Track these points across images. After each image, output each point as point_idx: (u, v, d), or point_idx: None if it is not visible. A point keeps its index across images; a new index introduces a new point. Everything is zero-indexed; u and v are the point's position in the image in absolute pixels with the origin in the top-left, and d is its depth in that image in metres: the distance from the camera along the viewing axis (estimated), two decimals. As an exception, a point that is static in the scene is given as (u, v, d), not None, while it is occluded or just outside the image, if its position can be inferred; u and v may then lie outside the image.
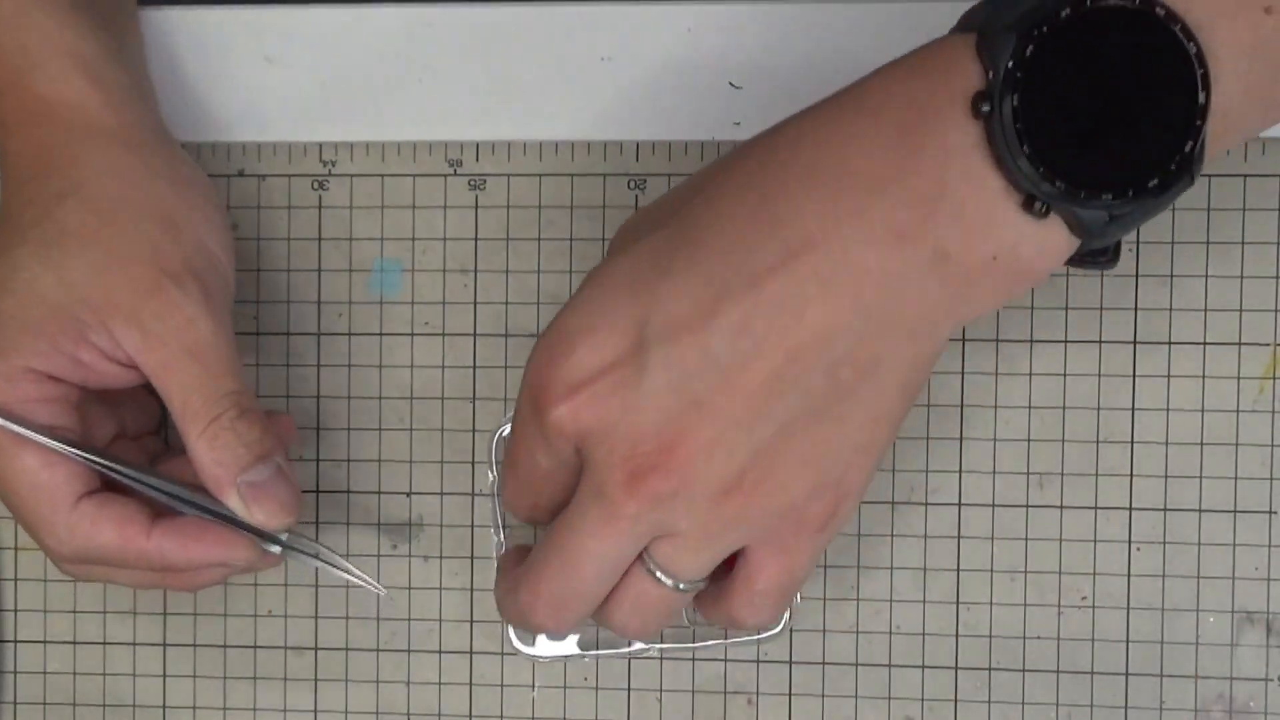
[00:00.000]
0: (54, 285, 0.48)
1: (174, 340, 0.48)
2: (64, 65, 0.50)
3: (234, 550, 0.49)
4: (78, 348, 0.48)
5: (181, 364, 0.48)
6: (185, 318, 0.48)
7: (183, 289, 0.49)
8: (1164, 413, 0.54)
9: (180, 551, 0.49)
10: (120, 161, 0.50)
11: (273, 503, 0.49)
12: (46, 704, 0.57)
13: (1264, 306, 0.53)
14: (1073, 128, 0.40)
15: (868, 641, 0.55)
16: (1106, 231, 0.41)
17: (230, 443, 0.48)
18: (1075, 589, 0.54)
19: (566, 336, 0.43)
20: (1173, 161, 0.40)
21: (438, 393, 0.56)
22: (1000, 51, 0.40)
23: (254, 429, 0.49)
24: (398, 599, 0.56)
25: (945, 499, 0.54)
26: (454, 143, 0.56)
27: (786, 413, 0.42)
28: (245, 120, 0.57)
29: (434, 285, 0.56)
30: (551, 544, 0.45)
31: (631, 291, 0.42)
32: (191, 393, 0.48)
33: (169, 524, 0.49)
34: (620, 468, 0.42)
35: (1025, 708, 0.54)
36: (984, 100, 0.40)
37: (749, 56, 0.55)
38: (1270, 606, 0.54)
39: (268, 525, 0.49)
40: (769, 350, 0.41)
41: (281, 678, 0.57)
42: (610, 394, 0.42)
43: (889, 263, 0.40)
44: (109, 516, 0.49)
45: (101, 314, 0.48)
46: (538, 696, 0.56)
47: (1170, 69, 0.40)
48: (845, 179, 0.41)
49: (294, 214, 0.56)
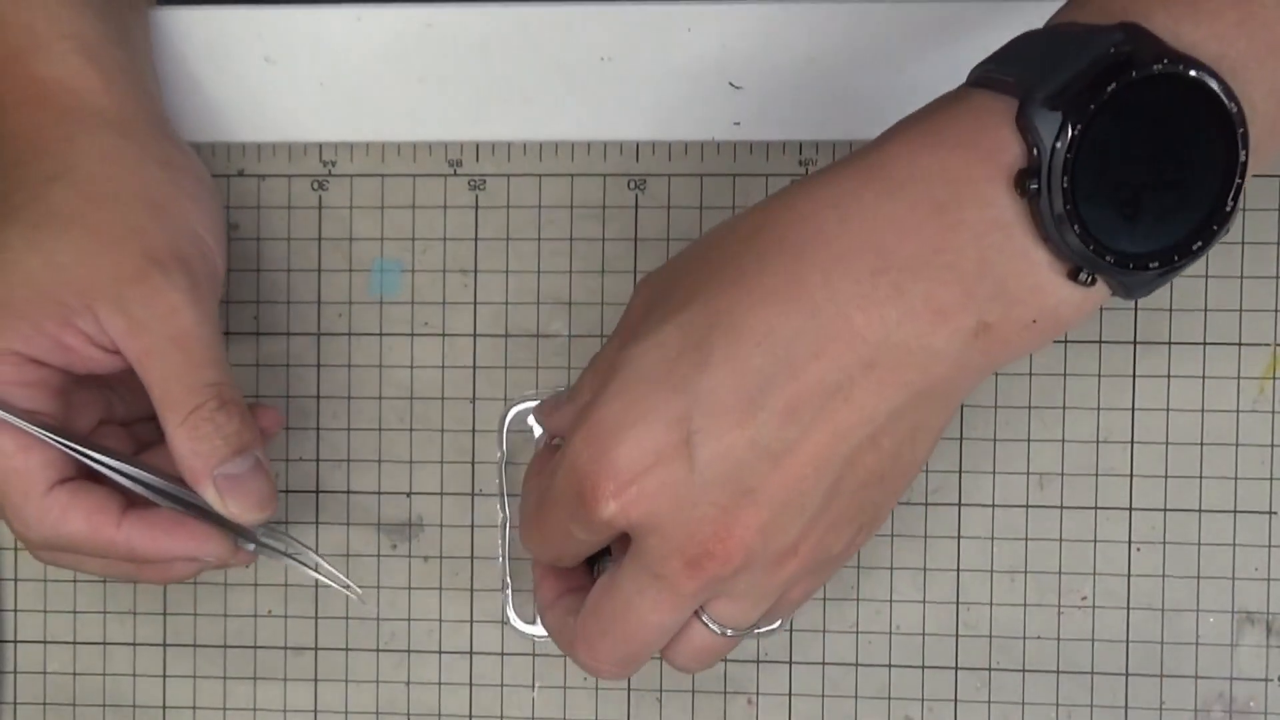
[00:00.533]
0: (39, 267, 0.48)
1: (157, 327, 0.48)
2: (66, 47, 0.50)
3: (204, 544, 0.49)
4: (62, 331, 0.48)
5: (164, 352, 0.48)
6: (169, 305, 0.48)
7: (168, 276, 0.48)
8: (1164, 413, 0.54)
9: (149, 544, 0.49)
10: (113, 146, 0.50)
11: (248, 497, 0.49)
12: (46, 704, 0.57)
13: (1264, 306, 0.53)
14: (1119, 201, 0.39)
15: (868, 641, 0.55)
16: (1149, 288, 0.41)
17: (208, 434, 0.48)
18: (1075, 589, 0.54)
19: (609, 431, 0.42)
20: (1215, 221, 0.40)
21: (438, 393, 0.56)
22: (1045, 128, 0.39)
23: (233, 421, 0.49)
24: (398, 599, 0.56)
25: (945, 499, 0.54)
26: (454, 143, 0.56)
27: (833, 483, 0.42)
28: (245, 120, 0.57)
29: (434, 285, 0.56)
30: (607, 614, 0.45)
31: (670, 384, 0.41)
32: (172, 381, 0.48)
33: (139, 515, 0.49)
34: (677, 557, 0.42)
35: (1025, 708, 0.54)
36: (1031, 178, 0.39)
37: (749, 56, 0.55)
38: (1270, 606, 0.54)
39: (242, 519, 0.49)
40: (816, 433, 0.41)
41: (281, 678, 0.57)
42: (660, 490, 0.42)
43: (931, 340, 0.40)
44: (79, 505, 0.48)
45: (86, 298, 0.48)
46: (538, 696, 0.56)
47: (1211, 130, 0.39)
48: (879, 260, 0.40)
49: (294, 214, 0.56)
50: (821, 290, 0.40)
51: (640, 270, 0.55)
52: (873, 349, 0.40)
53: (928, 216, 0.40)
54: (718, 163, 0.55)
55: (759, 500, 0.41)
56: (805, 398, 0.40)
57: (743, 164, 0.55)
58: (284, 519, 0.56)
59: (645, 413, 0.41)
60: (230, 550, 0.50)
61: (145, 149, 0.51)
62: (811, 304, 0.40)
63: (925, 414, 0.42)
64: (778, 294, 0.41)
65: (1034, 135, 0.39)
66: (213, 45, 0.57)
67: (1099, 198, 0.39)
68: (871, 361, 0.40)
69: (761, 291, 0.41)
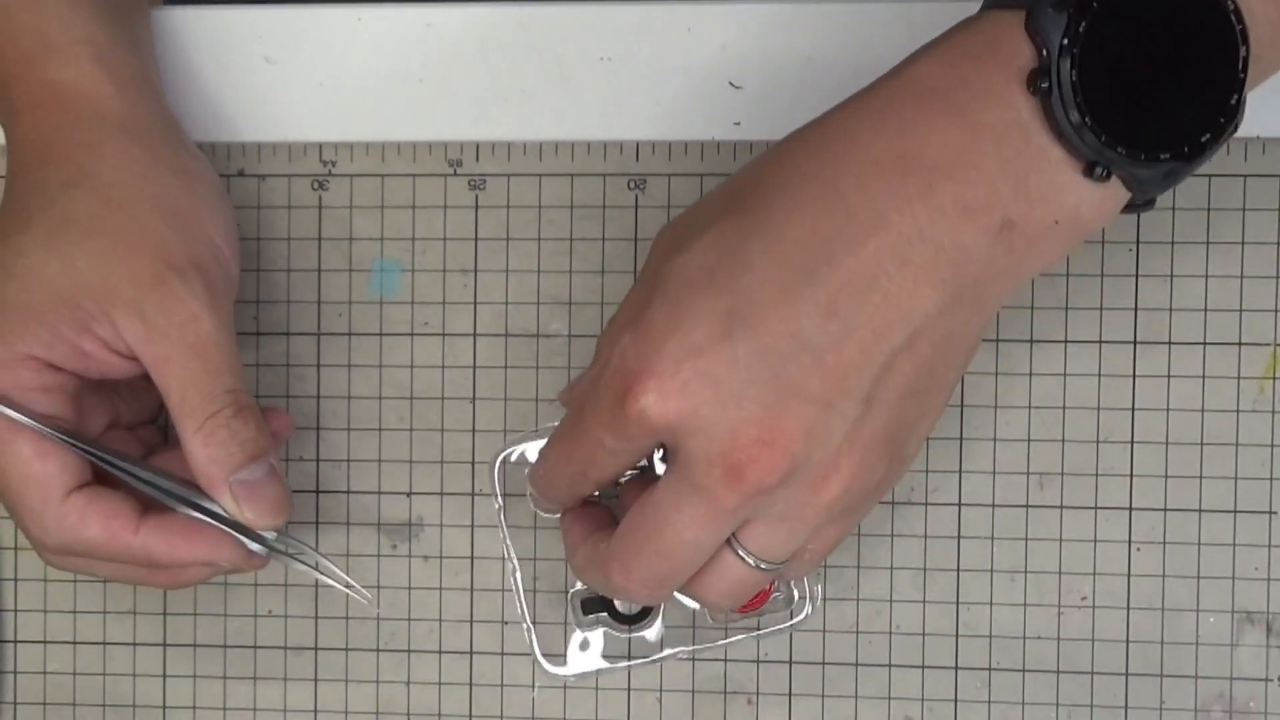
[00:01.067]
0: (58, 273, 0.48)
1: (175, 334, 0.48)
2: (79, 53, 0.51)
3: (220, 550, 0.50)
4: (80, 336, 0.48)
5: (182, 358, 0.48)
6: (188, 312, 0.48)
7: (186, 283, 0.49)
8: (1164, 413, 0.54)
9: (166, 549, 0.49)
10: (128, 152, 0.50)
11: (263, 502, 0.49)
12: (46, 704, 0.57)
13: (1264, 306, 0.53)
14: (1128, 95, 0.41)
15: (868, 641, 0.55)
16: (1162, 185, 0.43)
17: (225, 440, 0.48)
18: (1075, 589, 0.54)
19: (654, 328, 0.43)
20: (1222, 115, 0.42)
21: (438, 393, 0.56)
22: (1052, 29, 0.41)
23: (249, 427, 0.49)
24: (398, 599, 0.56)
25: (945, 499, 0.54)
26: (454, 143, 0.56)
27: (871, 392, 0.43)
28: (245, 120, 0.57)
29: (434, 285, 0.56)
30: (644, 529, 0.45)
31: (712, 282, 0.42)
32: (190, 388, 0.48)
33: (156, 521, 0.49)
34: (719, 462, 0.43)
35: (1025, 708, 0.54)
36: (1042, 77, 0.41)
37: (749, 56, 0.55)
38: (1270, 606, 0.54)
39: (257, 525, 0.49)
40: (857, 329, 0.42)
41: (281, 678, 0.57)
42: (703, 385, 0.42)
43: (961, 237, 0.42)
44: (97, 511, 0.49)
45: (104, 303, 0.48)
46: (538, 696, 0.56)
47: (1212, 27, 0.41)
48: (910, 162, 0.42)
49: (294, 214, 0.56)
50: (856, 194, 0.42)
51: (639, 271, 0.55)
52: (907, 245, 0.42)
53: (952, 122, 0.42)
54: (718, 163, 0.55)
55: (801, 399, 0.42)
56: (845, 292, 0.42)
57: (743, 164, 0.55)
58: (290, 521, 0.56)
59: (689, 310, 0.42)
60: (244, 555, 0.50)
61: (160, 155, 0.51)
62: (847, 207, 0.42)
63: (959, 319, 0.43)
64: (815, 200, 0.42)
65: (1043, 37, 0.41)
66: (213, 45, 0.57)
67: (1107, 92, 0.41)
68: (906, 258, 0.42)
69: (800, 198, 0.43)
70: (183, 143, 0.53)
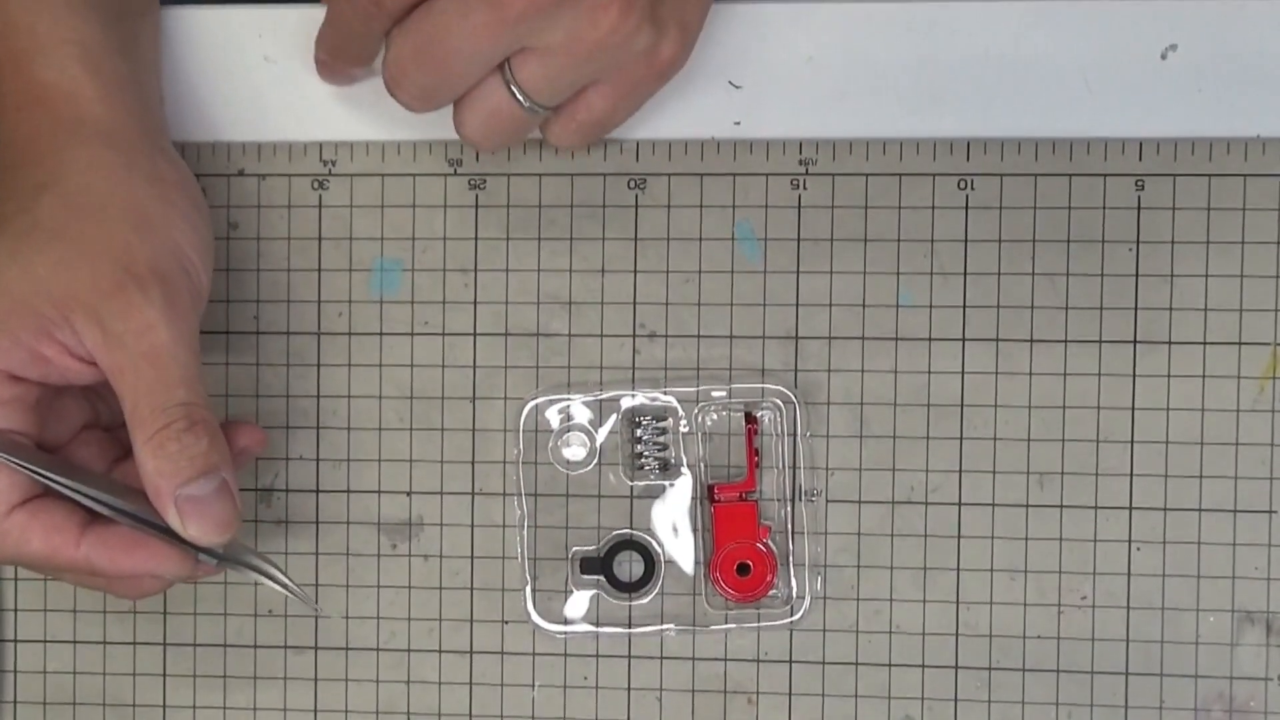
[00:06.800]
0: (18, 278, 0.48)
1: (131, 343, 0.48)
2: (67, 52, 0.50)
3: (164, 563, 0.49)
4: (40, 342, 0.48)
5: (136, 368, 0.48)
6: (144, 321, 0.48)
7: (145, 292, 0.48)
8: (1164, 413, 0.54)
9: (108, 562, 0.49)
10: (101, 157, 0.50)
11: (208, 520, 0.48)
12: (46, 704, 0.57)
13: (1264, 306, 0.53)
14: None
15: (868, 641, 0.55)
16: None
17: (174, 453, 0.48)
18: (1075, 589, 0.54)
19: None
20: None
21: (438, 392, 0.56)
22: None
23: (201, 442, 0.48)
24: (398, 599, 0.56)
25: (945, 499, 0.54)
26: (454, 142, 0.56)
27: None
28: (245, 120, 0.57)
29: (434, 285, 0.56)
30: (425, 32, 0.47)
31: None
32: (142, 398, 0.48)
33: (98, 534, 0.49)
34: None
35: (1025, 707, 0.54)
36: None
37: (749, 56, 0.55)
38: (1270, 606, 0.54)
39: (200, 541, 0.49)
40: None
41: (281, 677, 0.57)
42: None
43: None
44: (38, 526, 0.48)
45: (64, 309, 0.48)
46: (538, 696, 0.56)
47: None
48: None
49: (294, 214, 0.56)
50: None
51: (640, 270, 0.55)
52: None
53: None
54: (718, 162, 0.55)
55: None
56: None
57: (743, 163, 0.55)
58: (284, 518, 0.56)
59: None
60: (191, 567, 0.50)
61: (134, 162, 0.50)
62: None
63: None
64: None
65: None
66: (213, 45, 0.57)
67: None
68: None
69: None
70: (162, 150, 0.52)
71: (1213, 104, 0.53)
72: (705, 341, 0.55)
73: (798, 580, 0.55)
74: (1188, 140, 0.53)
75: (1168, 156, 0.53)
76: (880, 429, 0.54)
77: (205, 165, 0.56)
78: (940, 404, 0.54)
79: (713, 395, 0.55)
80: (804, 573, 0.55)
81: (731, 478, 0.55)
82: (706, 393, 0.55)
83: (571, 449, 0.55)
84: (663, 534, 0.55)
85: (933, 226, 0.54)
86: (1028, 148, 0.54)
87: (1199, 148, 0.53)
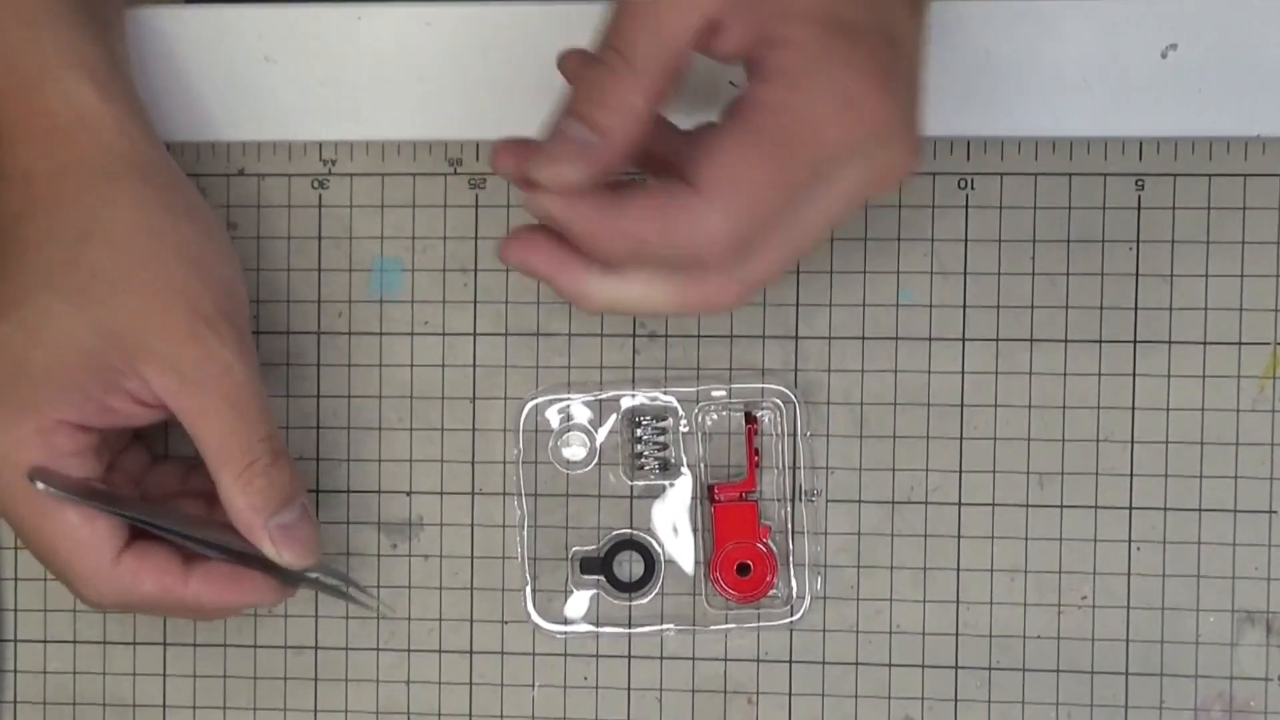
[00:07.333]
0: (88, 333, 0.48)
1: (211, 387, 0.48)
2: (77, 77, 0.50)
3: (265, 592, 0.51)
4: (108, 394, 0.48)
5: (219, 410, 0.49)
6: (223, 364, 0.49)
7: (218, 334, 0.49)
8: (1164, 413, 0.54)
9: (215, 597, 0.50)
10: (139, 195, 0.50)
11: (299, 544, 0.50)
12: (46, 704, 0.57)
13: (1264, 306, 0.53)
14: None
15: (868, 641, 0.55)
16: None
17: (263, 488, 0.49)
18: (1075, 589, 0.54)
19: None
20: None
21: (438, 392, 0.56)
22: None
23: (284, 473, 0.50)
24: (398, 599, 0.56)
25: (945, 499, 0.54)
26: (454, 142, 0.56)
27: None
28: (245, 120, 0.57)
29: (434, 285, 0.56)
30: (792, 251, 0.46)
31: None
32: (228, 438, 0.49)
33: (203, 571, 0.50)
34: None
35: (1025, 707, 0.54)
36: None
37: (749, 56, 0.55)
38: (1270, 606, 0.54)
39: (294, 565, 0.50)
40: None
41: (281, 677, 0.57)
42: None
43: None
44: (150, 569, 0.50)
45: (134, 359, 0.48)
46: (538, 696, 0.56)
47: None
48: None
49: (294, 213, 0.56)
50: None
51: (640, 270, 0.55)
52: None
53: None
54: (718, 162, 0.55)
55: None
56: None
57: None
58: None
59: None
60: (282, 592, 0.52)
61: (172, 201, 0.50)
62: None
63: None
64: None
65: None
66: (213, 45, 0.57)
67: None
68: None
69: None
70: (183, 177, 0.52)
71: (1213, 104, 0.54)
72: (705, 341, 0.55)
73: (798, 580, 0.55)
74: (1188, 140, 0.53)
75: (1168, 156, 0.53)
76: (880, 429, 0.54)
77: (205, 165, 0.56)
78: (940, 404, 0.54)
79: (713, 395, 0.55)
80: (804, 573, 0.55)
81: (731, 478, 0.55)
82: (706, 393, 0.55)
83: (571, 449, 0.55)
84: (663, 534, 0.55)
85: (933, 226, 0.54)
86: (1028, 147, 0.54)
87: (1199, 148, 0.53)
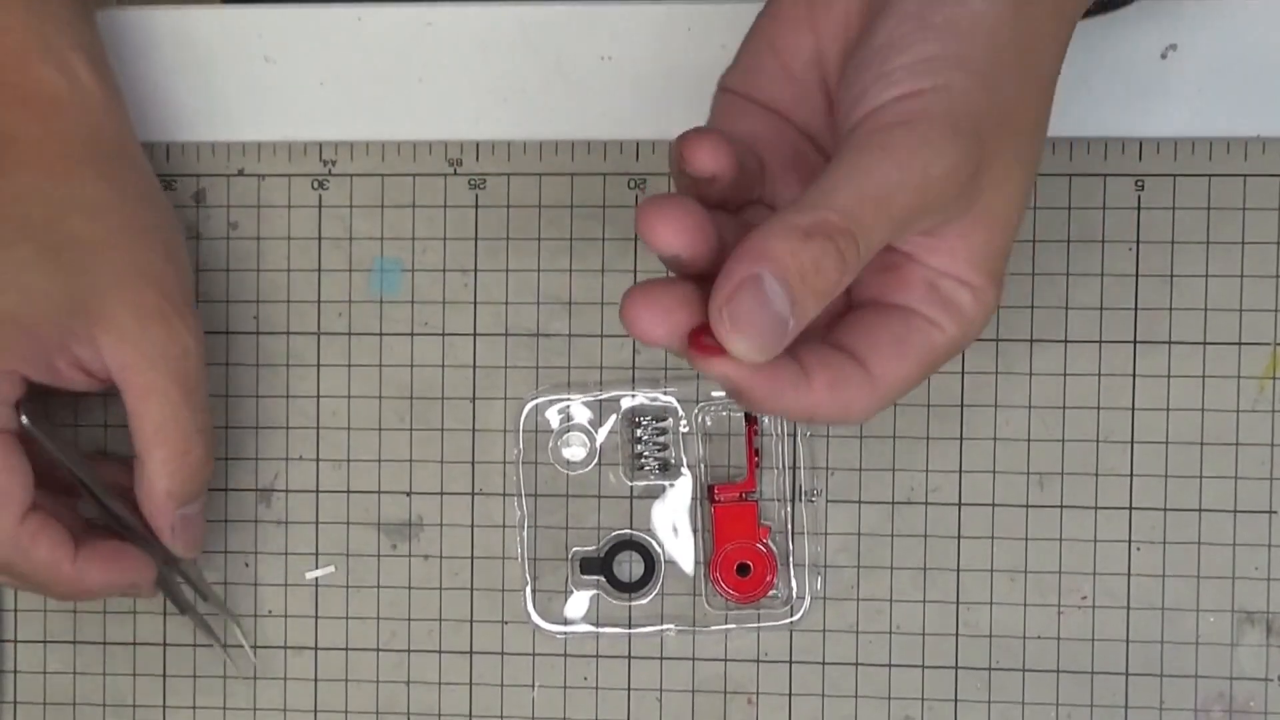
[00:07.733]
0: (60, 293, 0.48)
1: (166, 367, 0.49)
2: (74, 52, 0.50)
3: (144, 574, 0.52)
4: (56, 355, 0.49)
5: (167, 391, 0.49)
6: (183, 347, 0.49)
7: (183, 319, 0.50)
8: (1164, 413, 0.54)
9: (99, 577, 0.50)
10: (121, 178, 0.51)
11: (193, 538, 0.51)
12: (46, 704, 0.57)
13: (1264, 306, 0.53)
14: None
15: (868, 641, 0.55)
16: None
17: (187, 479, 0.50)
18: (1075, 589, 0.54)
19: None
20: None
21: (438, 392, 0.56)
22: None
23: (207, 469, 0.51)
24: (398, 599, 0.56)
25: (945, 499, 0.54)
26: (454, 142, 0.56)
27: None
28: (245, 120, 0.57)
29: (434, 285, 0.56)
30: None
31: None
32: (169, 421, 0.49)
33: (88, 549, 0.50)
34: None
35: (1025, 708, 0.54)
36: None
37: (749, 56, 0.55)
38: (1270, 606, 0.54)
39: (184, 555, 0.52)
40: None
41: (282, 678, 0.57)
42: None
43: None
44: (46, 537, 0.49)
45: (94, 327, 0.48)
46: (538, 696, 0.56)
47: None
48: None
49: (294, 214, 0.56)
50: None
51: (640, 271, 0.55)
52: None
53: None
54: (718, 162, 0.55)
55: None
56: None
57: (743, 164, 0.55)
58: (284, 519, 0.56)
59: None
60: (153, 579, 0.53)
61: (147, 188, 0.52)
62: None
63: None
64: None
65: None
66: (213, 45, 0.57)
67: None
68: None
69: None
70: (152, 171, 0.53)
71: (1213, 104, 0.53)
72: (705, 341, 0.55)
73: (798, 580, 0.55)
74: (1188, 140, 0.53)
75: (1168, 156, 0.53)
76: (880, 429, 0.54)
77: (205, 165, 0.56)
78: (940, 404, 0.54)
79: (713, 395, 0.55)
80: (804, 573, 0.55)
81: (731, 478, 0.55)
82: (706, 393, 0.55)
83: (571, 449, 0.55)
84: (663, 534, 0.55)
85: (933, 226, 0.54)
86: (1028, 148, 0.54)
87: (1199, 148, 0.53)
